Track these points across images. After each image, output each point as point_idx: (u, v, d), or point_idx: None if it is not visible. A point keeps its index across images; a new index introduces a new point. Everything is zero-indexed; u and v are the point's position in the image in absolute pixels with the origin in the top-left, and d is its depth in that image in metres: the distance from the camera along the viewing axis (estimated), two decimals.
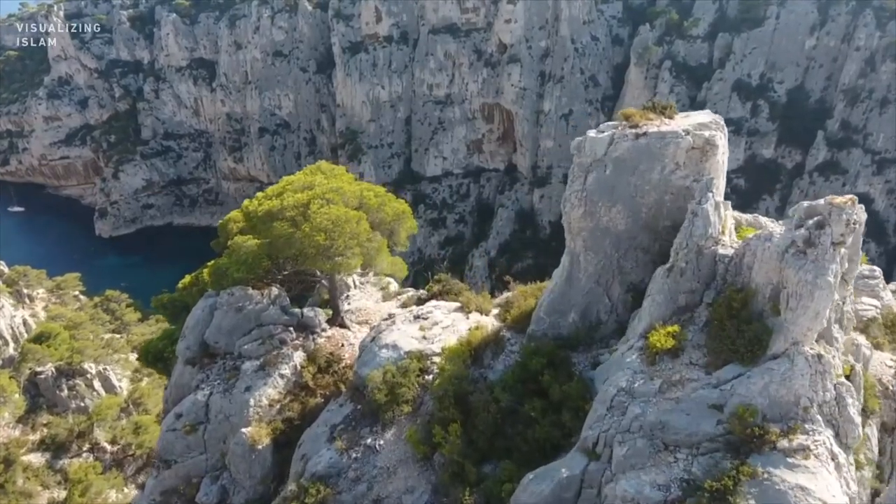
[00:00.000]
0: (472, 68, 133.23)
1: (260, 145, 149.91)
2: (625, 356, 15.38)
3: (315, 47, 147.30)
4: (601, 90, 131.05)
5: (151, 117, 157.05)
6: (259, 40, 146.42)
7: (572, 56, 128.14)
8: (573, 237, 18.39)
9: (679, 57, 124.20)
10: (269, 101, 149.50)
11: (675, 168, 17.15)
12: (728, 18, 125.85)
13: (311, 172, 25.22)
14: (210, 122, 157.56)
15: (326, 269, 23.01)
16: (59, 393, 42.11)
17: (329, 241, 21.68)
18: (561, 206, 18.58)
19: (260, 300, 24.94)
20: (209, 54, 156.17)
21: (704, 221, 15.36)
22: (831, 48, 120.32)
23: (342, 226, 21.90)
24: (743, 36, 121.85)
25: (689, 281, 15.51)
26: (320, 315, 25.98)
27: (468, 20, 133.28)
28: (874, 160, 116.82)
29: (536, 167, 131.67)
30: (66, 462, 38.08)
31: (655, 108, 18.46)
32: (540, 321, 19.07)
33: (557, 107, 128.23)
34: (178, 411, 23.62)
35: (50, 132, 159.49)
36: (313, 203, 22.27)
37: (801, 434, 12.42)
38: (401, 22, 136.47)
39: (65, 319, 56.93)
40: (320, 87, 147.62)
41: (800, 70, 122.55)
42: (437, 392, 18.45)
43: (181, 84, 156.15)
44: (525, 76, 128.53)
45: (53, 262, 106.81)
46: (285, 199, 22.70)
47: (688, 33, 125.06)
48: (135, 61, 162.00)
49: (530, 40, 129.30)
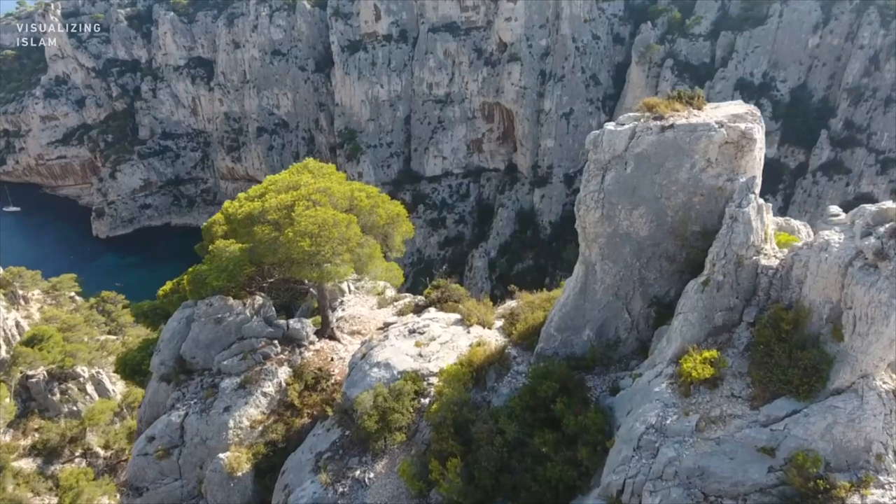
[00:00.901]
0: (472, 67, 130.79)
1: (258, 145, 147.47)
2: (652, 385, 13.08)
3: (314, 46, 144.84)
4: (602, 89, 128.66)
5: (149, 117, 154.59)
6: (257, 39, 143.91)
7: (573, 55, 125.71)
8: (588, 244, 16.10)
9: (681, 55, 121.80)
10: (267, 101, 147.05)
11: (706, 165, 14.85)
12: (730, 16, 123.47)
13: (298, 171, 22.92)
14: (208, 121, 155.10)
15: (313, 277, 20.72)
16: (50, 397, 40.81)
17: (315, 247, 19.37)
18: (575, 209, 16.28)
19: (241, 311, 22.64)
20: (207, 53, 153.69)
21: (746, 227, 13.06)
22: (835, 46, 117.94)
23: (329, 230, 19.59)
24: (745, 34, 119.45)
25: (727, 297, 13.21)
26: (308, 327, 23.69)
27: (468, 18, 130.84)
28: (878, 159, 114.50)
29: (537, 167, 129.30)
30: (58, 468, 36.85)
31: (682, 98, 16.15)
32: (550, 338, 16.78)
33: (558, 106, 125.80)
34: (150, 434, 21.34)
35: (47, 132, 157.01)
36: (298, 205, 19.98)
37: (876, 488, 10.15)
38: (400, 20, 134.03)
39: (59, 321, 55.32)
40: (319, 87, 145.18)
41: (803, 69, 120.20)
42: (435, 419, 16.16)
43: (179, 83, 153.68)
44: (525, 75, 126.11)
45: (50, 263, 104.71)
46: (267, 200, 20.41)
47: (690, 31, 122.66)
48: (132, 60, 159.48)
49: (531, 39, 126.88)
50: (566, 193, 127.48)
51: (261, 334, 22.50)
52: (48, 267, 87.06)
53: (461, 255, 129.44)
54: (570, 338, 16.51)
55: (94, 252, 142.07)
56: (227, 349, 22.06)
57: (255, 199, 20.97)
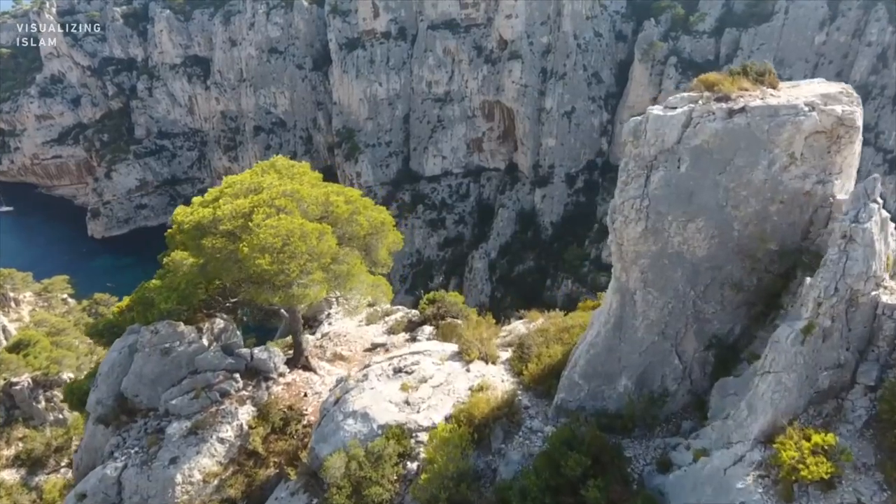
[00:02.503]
0: (472, 65, 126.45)
1: (255, 144, 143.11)
2: (730, 475, 8.99)
3: (311, 44, 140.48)
4: (604, 87, 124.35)
5: (145, 116, 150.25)
6: (254, 37, 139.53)
7: (575, 52, 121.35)
8: (626, 266, 11.99)
9: (685, 53, 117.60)
10: (264, 99, 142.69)
11: (788, 163, 10.75)
12: (735, 13, 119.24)
13: (263, 171, 18.80)
14: (205, 120, 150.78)
15: (276, 301, 16.61)
16: (35, 405, 38.27)
17: (277, 266, 15.26)
18: (608, 220, 12.13)
19: (195, 339, 18.51)
20: (204, 51, 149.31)
21: (866, 252, 8.95)
22: (842, 44, 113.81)
23: (296, 243, 15.48)
24: (750, 31, 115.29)
25: (835, 349, 9.14)
26: (276, 356, 19.57)
27: (468, 15, 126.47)
28: (886, 159, 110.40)
29: (538, 166, 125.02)
30: (42, 479, 34.32)
31: (748, 73, 12.09)
32: (574, 387, 12.70)
33: (559, 104, 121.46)
34: (81, 490, 17.23)
35: (42, 131, 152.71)
36: (257, 212, 15.87)
37: None
38: (399, 17, 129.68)
39: (48, 325, 52.26)
40: (317, 85, 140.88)
41: (809, 66, 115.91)
42: (423, 496, 12.07)
43: (175, 82, 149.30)
44: (526, 73, 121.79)
45: (45, 264, 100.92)
46: (220, 206, 16.31)
47: (694, 28, 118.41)
48: (128, 59, 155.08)
49: (532, 36, 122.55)
50: (568, 193, 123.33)
51: (218, 367, 18.39)
52: (43, 268, 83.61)
53: (461, 255, 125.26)
54: (601, 388, 12.43)
55: (89, 253, 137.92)
56: (176, 385, 17.95)
57: (209, 205, 16.88)
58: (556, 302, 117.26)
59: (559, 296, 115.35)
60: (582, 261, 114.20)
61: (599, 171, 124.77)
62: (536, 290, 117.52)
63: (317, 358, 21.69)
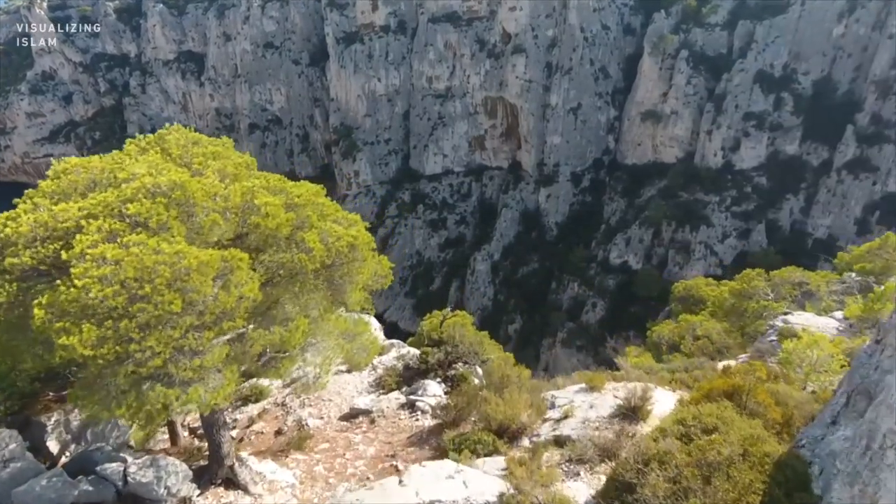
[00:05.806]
0: (475, 59, 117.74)
1: (250, 142, 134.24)
2: None
3: (308, 38, 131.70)
4: (612, 82, 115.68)
5: (138, 113, 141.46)
6: (249, 31, 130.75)
7: (581, 46, 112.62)
8: None
9: (696, 46, 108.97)
10: (259, 96, 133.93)
11: None
12: (749, 5, 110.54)
13: (140, 150, 10.30)
14: (199, 117, 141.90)
15: (122, 415, 8.03)
16: None
17: (112, 347, 6.86)
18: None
19: (16, 451, 10.03)
20: (198, 47, 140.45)
21: None
22: (861, 36, 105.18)
23: (157, 294, 7.10)
24: (765, 23, 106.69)
25: None
26: (178, 470, 11.05)
27: (470, 8, 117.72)
28: None
29: (542, 165, 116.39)
30: None
31: None
32: None
33: (565, 100, 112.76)
34: None
35: (33, 129, 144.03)
36: (87, 229, 7.52)
37: None
38: (398, 10, 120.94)
39: None
40: (313, 81, 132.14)
41: (827, 60, 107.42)
42: None
43: (169, 78, 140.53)
44: (531, 68, 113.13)
45: None
46: (20, 218, 7.93)
47: (706, 21, 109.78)
48: (121, 55, 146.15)
49: (536, 29, 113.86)
50: (573, 193, 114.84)
51: (61, 502, 9.91)
52: None
53: (462, 257, 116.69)
54: None
55: None
56: None
57: (9, 218, 8.47)
58: (562, 305, 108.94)
59: (564, 299, 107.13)
60: (588, 263, 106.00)
61: (606, 170, 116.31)
62: (541, 292, 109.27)
63: (254, 453, 13.20)
